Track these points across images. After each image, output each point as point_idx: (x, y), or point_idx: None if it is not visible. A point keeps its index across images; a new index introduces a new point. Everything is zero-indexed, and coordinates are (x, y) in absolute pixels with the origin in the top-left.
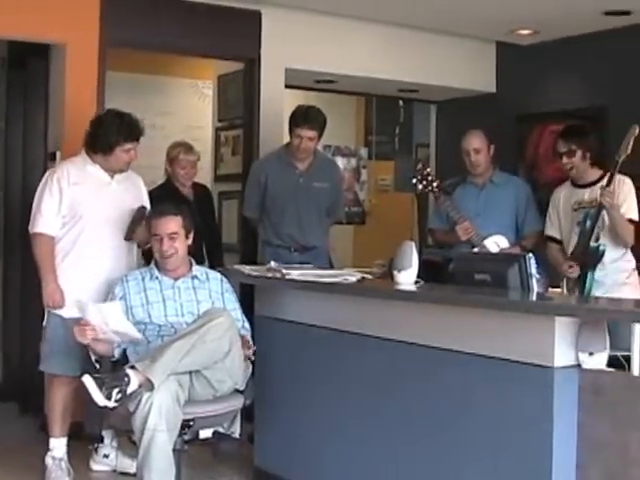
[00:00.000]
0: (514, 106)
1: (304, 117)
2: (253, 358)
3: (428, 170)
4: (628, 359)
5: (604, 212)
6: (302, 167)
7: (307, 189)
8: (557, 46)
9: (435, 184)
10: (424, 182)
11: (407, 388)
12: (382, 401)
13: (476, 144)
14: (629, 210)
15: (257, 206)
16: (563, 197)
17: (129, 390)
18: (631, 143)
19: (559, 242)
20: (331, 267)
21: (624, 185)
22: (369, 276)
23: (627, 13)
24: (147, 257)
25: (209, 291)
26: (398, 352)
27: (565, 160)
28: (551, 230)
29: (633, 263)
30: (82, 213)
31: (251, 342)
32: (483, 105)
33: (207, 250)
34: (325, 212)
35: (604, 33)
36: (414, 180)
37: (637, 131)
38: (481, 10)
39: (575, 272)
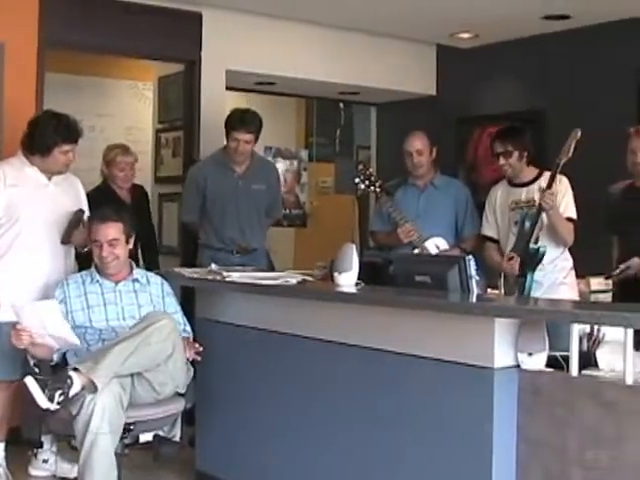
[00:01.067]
0: (454, 109)
1: (240, 120)
2: (199, 358)
3: (370, 170)
4: (567, 359)
5: (543, 213)
6: (240, 170)
7: (246, 191)
8: (497, 49)
9: (378, 184)
10: (366, 182)
11: (348, 389)
12: (324, 403)
13: (419, 145)
14: (567, 209)
15: (196, 210)
16: (499, 196)
17: (72, 392)
18: (573, 146)
19: (496, 241)
20: (272, 269)
21: (561, 184)
22: (310, 278)
23: (566, 17)
24: (81, 260)
25: (150, 295)
26: (339, 354)
27: (502, 161)
28: (488, 230)
29: (570, 262)
30: (19, 216)
31: (197, 344)
32: (423, 108)
33: (142, 252)
34: (264, 213)
35: (543, 37)
36: (357, 180)
37: (579, 134)
38: (421, 13)
39: (515, 265)
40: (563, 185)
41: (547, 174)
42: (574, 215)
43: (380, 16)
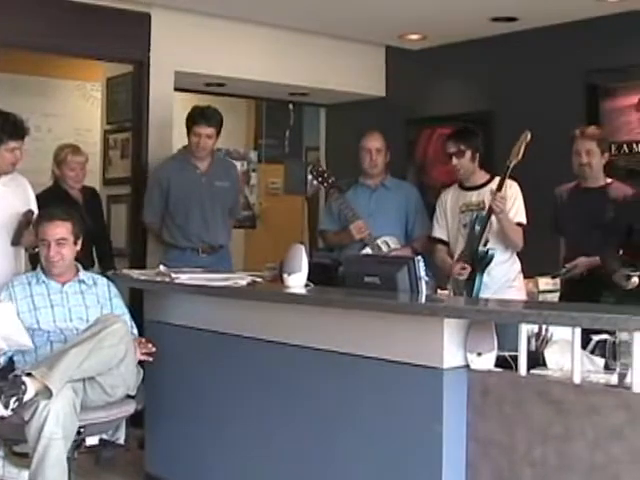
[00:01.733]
0: (403, 110)
1: (201, 115)
2: (151, 359)
3: (323, 167)
4: (515, 359)
5: (493, 216)
6: (203, 167)
7: (210, 188)
8: (446, 51)
9: (331, 180)
10: (319, 178)
11: (298, 391)
12: (273, 404)
13: (378, 144)
14: (517, 214)
15: (158, 211)
16: (450, 199)
17: (26, 398)
18: (523, 148)
19: (446, 244)
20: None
21: (512, 189)
22: (260, 279)
23: (514, 19)
24: (34, 262)
25: (97, 296)
26: (289, 355)
27: (454, 161)
28: (438, 232)
29: (519, 266)
30: None
31: (150, 344)
32: (373, 109)
33: (98, 254)
34: (228, 212)
35: (492, 39)
36: (310, 177)
37: (529, 137)
38: (370, 15)
39: (466, 273)
40: (514, 190)
41: (498, 179)
42: (524, 220)
43: (329, 18)
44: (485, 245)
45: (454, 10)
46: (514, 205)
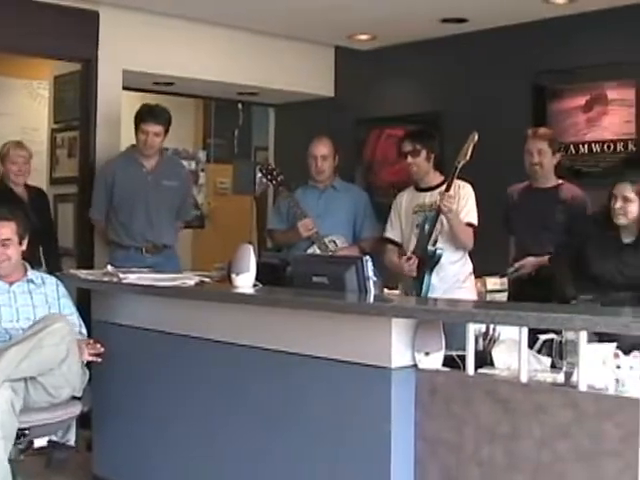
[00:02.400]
0: (352, 110)
1: (150, 113)
2: (100, 360)
3: (272, 165)
4: (463, 358)
5: (442, 216)
6: (150, 165)
7: (156, 187)
8: (395, 52)
9: (279, 178)
10: (269, 176)
11: (246, 391)
12: (222, 405)
13: (324, 151)
14: (468, 215)
15: (104, 208)
16: (405, 201)
17: None
18: (470, 149)
19: (398, 245)
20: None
21: (464, 190)
22: (208, 279)
23: (463, 21)
24: None
25: (45, 296)
26: (238, 355)
27: (409, 159)
28: (391, 232)
29: (470, 267)
30: None
31: (98, 344)
32: (322, 109)
33: (44, 254)
34: (175, 213)
35: (441, 40)
36: (259, 174)
37: (476, 138)
38: (320, 15)
39: (413, 266)
40: (466, 191)
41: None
42: (474, 221)
43: (279, 17)
44: (434, 245)
45: (404, 11)
46: (466, 205)
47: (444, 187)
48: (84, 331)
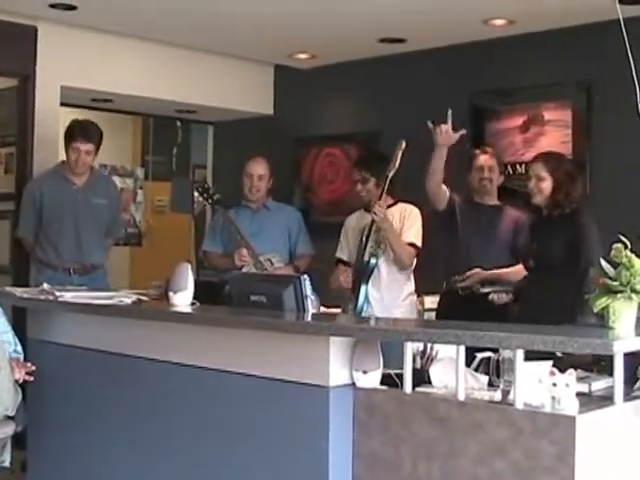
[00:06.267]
0: (291, 128)
1: (80, 130)
2: (32, 379)
3: (208, 184)
4: (401, 377)
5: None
6: (79, 183)
7: (86, 205)
8: (334, 71)
9: (215, 197)
10: (204, 195)
11: (183, 410)
12: (159, 425)
13: (261, 171)
14: (408, 234)
15: (32, 226)
16: (354, 222)
17: None
18: (399, 157)
19: (349, 265)
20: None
21: (411, 214)
22: (145, 298)
23: (401, 41)
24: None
25: None
26: (175, 374)
27: (359, 187)
28: (340, 253)
29: (411, 286)
30: None
31: (29, 363)
32: (261, 127)
33: None
34: (105, 231)
35: (380, 59)
36: (195, 193)
37: (404, 145)
38: (259, 33)
39: (349, 277)
40: (413, 215)
41: (402, 205)
42: (416, 241)
43: (218, 35)
44: (369, 256)
45: (343, 30)
46: (410, 228)
47: (395, 209)
48: (19, 349)
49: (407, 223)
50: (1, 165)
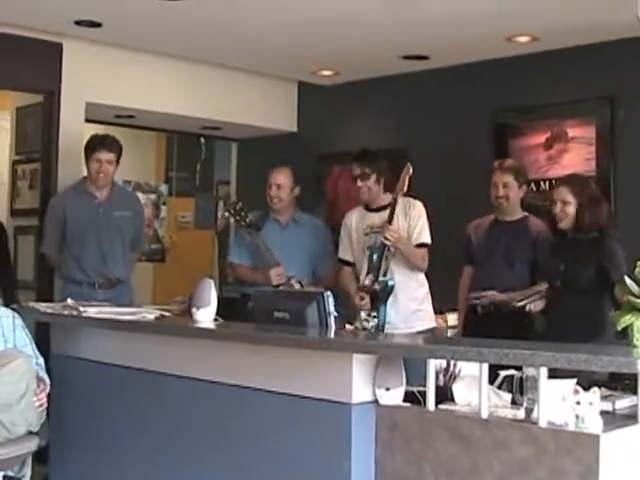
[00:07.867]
0: (315, 145)
1: (100, 141)
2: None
3: (240, 205)
4: (424, 394)
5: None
6: (101, 196)
7: (108, 218)
8: (358, 87)
9: (248, 220)
10: (237, 217)
11: (207, 427)
12: (183, 441)
13: (280, 180)
14: (421, 234)
15: (56, 242)
16: (355, 221)
17: None
18: (407, 181)
19: (352, 265)
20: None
21: (414, 210)
22: (168, 313)
23: (425, 58)
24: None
25: (2, 328)
26: (197, 391)
27: (359, 183)
28: (343, 253)
29: (425, 288)
30: None
31: (47, 384)
32: (285, 144)
33: (1, 287)
34: (129, 245)
35: (403, 76)
36: (226, 214)
37: (410, 170)
38: (284, 50)
39: (367, 304)
40: (417, 211)
41: (404, 199)
42: (428, 240)
43: (242, 52)
44: (385, 275)
45: (366, 48)
46: (417, 225)
47: (386, 217)
48: (40, 361)
49: (412, 222)
50: (26, 181)
